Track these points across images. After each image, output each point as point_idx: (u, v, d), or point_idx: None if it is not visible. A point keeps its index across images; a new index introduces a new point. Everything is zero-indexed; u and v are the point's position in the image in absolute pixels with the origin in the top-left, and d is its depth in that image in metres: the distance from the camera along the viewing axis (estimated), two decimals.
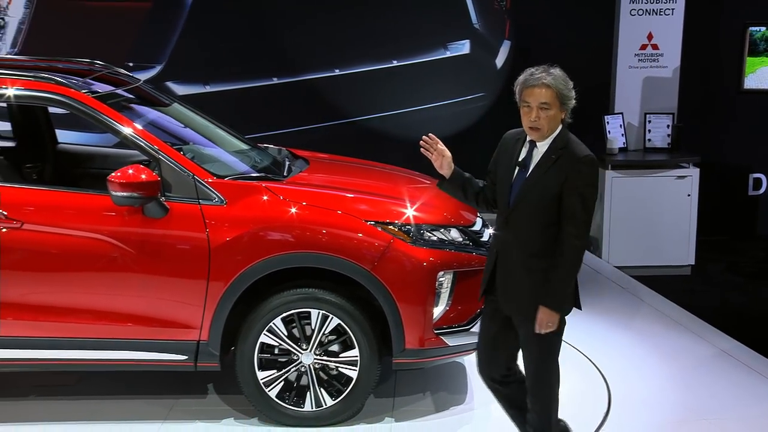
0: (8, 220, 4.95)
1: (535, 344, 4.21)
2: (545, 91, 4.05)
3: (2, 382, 5.71)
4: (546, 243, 4.08)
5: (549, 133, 4.12)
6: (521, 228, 4.12)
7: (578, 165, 4.04)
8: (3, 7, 9.46)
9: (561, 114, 4.13)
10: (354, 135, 9.73)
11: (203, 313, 5.02)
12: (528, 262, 4.11)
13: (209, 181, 5.07)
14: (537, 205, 4.07)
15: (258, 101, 9.66)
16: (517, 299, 4.18)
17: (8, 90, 5.13)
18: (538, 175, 4.09)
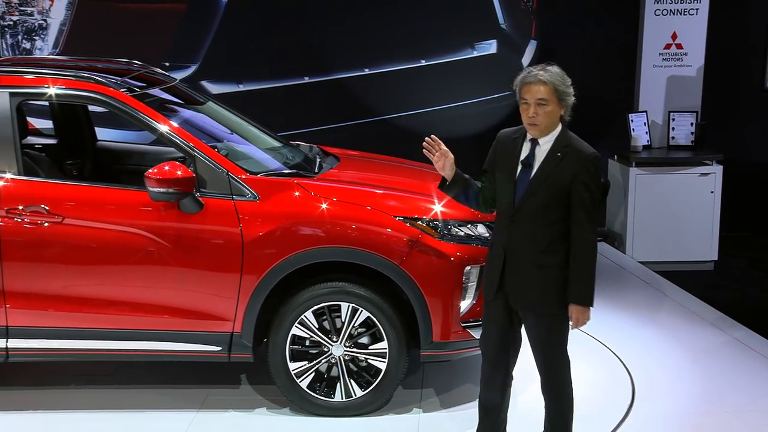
0: (50, 215, 4.99)
1: (546, 340, 4.22)
2: (542, 87, 4.06)
3: (44, 372, 5.76)
4: (554, 239, 4.09)
5: (547, 130, 4.12)
6: (529, 225, 4.11)
7: (587, 162, 4.07)
8: (45, 9, 9.54)
9: (560, 110, 4.13)
10: (383, 133, 9.72)
11: (237, 306, 5.04)
12: (538, 258, 4.11)
13: (243, 177, 5.08)
14: (545, 202, 4.07)
15: (290, 100, 9.67)
16: (528, 296, 4.17)
17: (50, 89, 5.17)
18: (545, 173, 4.09)
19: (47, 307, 5.04)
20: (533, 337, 4.26)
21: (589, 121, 9.99)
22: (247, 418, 5.23)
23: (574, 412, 4.53)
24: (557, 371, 4.30)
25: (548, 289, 4.12)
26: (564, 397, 4.36)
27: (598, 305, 7.19)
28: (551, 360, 4.27)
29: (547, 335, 4.21)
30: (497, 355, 4.36)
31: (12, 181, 5.04)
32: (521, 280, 4.16)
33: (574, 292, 4.09)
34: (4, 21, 9.54)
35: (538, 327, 4.20)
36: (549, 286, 4.12)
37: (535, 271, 4.12)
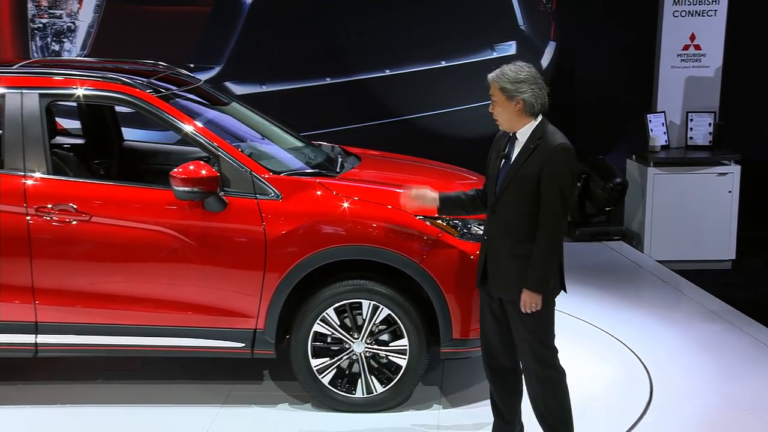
0: (78, 213, 5.02)
1: (525, 327, 4.27)
2: (491, 85, 4.24)
3: (72, 367, 5.79)
4: (530, 229, 4.19)
5: (507, 125, 4.26)
6: (506, 216, 4.24)
7: (553, 153, 4.15)
8: (74, 12, 9.59)
9: (513, 106, 4.20)
10: (404, 133, 9.71)
11: (259, 303, 5.05)
12: (513, 248, 4.22)
13: (266, 176, 5.09)
14: (518, 193, 4.19)
15: (312, 100, 9.68)
16: (506, 284, 4.28)
17: (78, 90, 5.20)
18: (518, 164, 4.21)
19: (75, 304, 5.07)
20: (517, 326, 4.32)
21: (608, 121, 10.02)
22: (269, 413, 5.24)
23: (591, 407, 4.53)
24: (543, 360, 4.31)
25: (523, 278, 4.20)
26: (553, 383, 4.35)
27: (616, 303, 7.23)
28: (534, 348, 4.30)
29: (528, 323, 4.27)
30: (496, 347, 4.46)
31: (41, 180, 5.07)
32: (500, 270, 4.30)
33: (527, 277, 4.18)
34: (34, 24, 9.60)
35: (518, 314, 4.27)
36: (524, 275, 4.19)
37: (511, 261, 4.24)
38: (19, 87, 5.16)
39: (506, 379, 4.53)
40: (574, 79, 10.14)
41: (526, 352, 4.33)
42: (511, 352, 4.46)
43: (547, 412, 4.39)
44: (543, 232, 4.16)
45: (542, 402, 4.38)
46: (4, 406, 5.27)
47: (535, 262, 4.17)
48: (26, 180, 5.06)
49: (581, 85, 10.15)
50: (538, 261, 4.17)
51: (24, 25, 9.62)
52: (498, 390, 4.56)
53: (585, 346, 6.26)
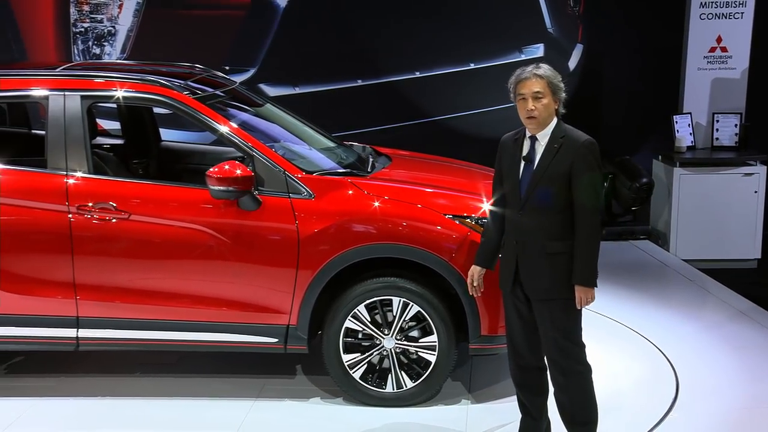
0: (117, 212, 5.06)
1: (554, 325, 4.24)
2: (537, 81, 4.16)
3: (111, 361, 5.84)
4: (562, 226, 4.17)
5: (545, 123, 4.20)
6: (537, 216, 4.19)
7: (582, 149, 4.15)
8: (114, 16, 9.67)
9: (554, 104, 4.20)
10: (433, 133, 9.70)
11: (292, 299, 5.06)
12: (548, 246, 4.18)
13: (299, 176, 5.10)
14: (549, 192, 4.16)
15: (344, 102, 9.70)
16: (541, 283, 4.22)
17: (118, 92, 5.24)
18: (545, 164, 4.18)
19: (114, 299, 5.11)
20: (544, 323, 4.27)
21: (635, 122, 9.95)
22: (302, 406, 5.25)
23: (618, 403, 4.50)
24: (571, 356, 4.29)
25: (560, 275, 4.19)
26: (579, 379, 4.31)
27: (643, 301, 7.17)
28: (564, 345, 4.26)
29: (559, 319, 4.24)
30: (523, 346, 4.41)
31: (82, 179, 5.12)
32: (534, 269, 4.23)
33: (577, 274, 4.16)
34: (76, 28, 9.69)
35: (551, 312, 4.24)
36: (560, 272, 4.18)
37: (546, 259, 4.19)
38: (61, 89, 5.21)
39: (533, 379, 4.50)
40: (601, 81, 10.08)
41: (553, 348, 4.29)
42: (537, 352, 4.42)
43: (573, 408, 4.35)
44: (585, 226, 4.14)
45: (568, 398, 4.34)
46: (48, 398, 5.32)
47: (582, 256, 4.15)
48: (68, 179, 5.11)
49: (608, 86, 10.09)
50: (586, 255, 4.15)
51: (66, 30, 9.72)
52: (524, 389, 4.53)
53: (612, 343, 6.23)
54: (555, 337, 4.26)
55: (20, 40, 9.85)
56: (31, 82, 5.30)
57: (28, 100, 5.51)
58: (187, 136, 8.50)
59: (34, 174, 5.16)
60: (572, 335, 4.28)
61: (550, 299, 4.22)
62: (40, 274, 5.11)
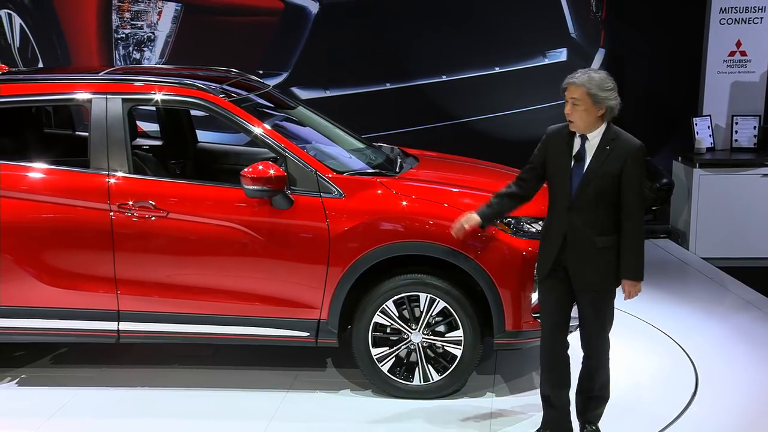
0: (156, 210, 5.09)
1: (598, 315, 4.34)
2: (574, 88, 4.20)
3: (150, 353, 5.87)
4: (609, 222, 4.23)
5: (585, 127, 4.23)
6: (587, 212, 4.24)
7: (635, 152, 4.21)
8: (153, 22, 9.73)
9: (596, 111, 4.21)
10: (459, 135, 9.67)
11: (323, 295, 5.06)
12: (597, 241, 4.23)
13: (330, 176, 5.10)
14: (600, 191, 4.20)
15: (373, 104, 9.69)
16: (591, 275, 4.28)
17: (157, 95, 5.26)
18: (597, 164, 4.22)
19: (153, 294, 5.13)
20: (588, 313, 4.35)
21: (655, 124, 9.87)
22: (332, 398, 5.26)
23: (638, 397, 4.48)
24: (603, 340, 4.41)
25: (607, 268, 4.26)
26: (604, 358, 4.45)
27: (663, 298, 7.11)
28: (600, 331, 4.38)
29: (601, 310, 4.34)
30: (559, 337, 4.46)
31: (123, 179, 5.15)
32: (582, 262, 4.27)
33: (626, 268, 4.25)
34: (118, 34, 9.76)
35: (595, 303, 4.32)
36: (607, 265, 4.26)
37: (594, 253, 4.25)
38: (104, 93, 5.24)
39: (562, 370, 4.50)
40: (623, 84, 9.96)
41: (591, 331, 4.38)
42: (567, 343, 4.49)
43: (597, 389, 4.48)
44: (633, 223, 4.22)
45: (597, 380, 4.46)
46: (90, 387, 5.36)
47: (631, 252, 4.23)
48: (110, 179, 5.14)
49: (629, 90, 9.98)
50: (634, 251, 4.23)
51: (108, 36, 9.79)
52: (551, 381, 4.51)
53: (633, 338, 6.18)
54: (595, 322, 4.35)
55: (65, 46, 9.94)
56: (75, 85, 5.34)
57: (72, 103, 5.56)
58: (223, 137, 8.53)
59: (77, 174, 5.20)
60: (609, 324, 4.41)
61: (598, 291, 4.30)
62: (83, 269, 5.14)
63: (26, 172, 5.22)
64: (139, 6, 9.71)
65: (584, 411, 4.55)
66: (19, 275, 5.13)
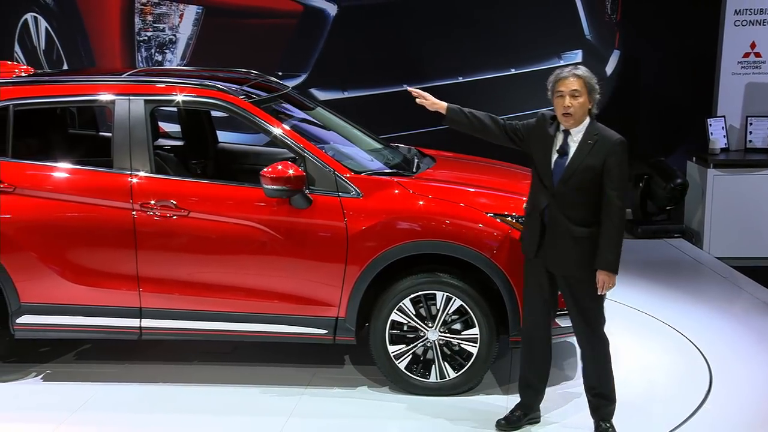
0: (177, 209, 5.10)
1: (578, 300, 4.43)
2: (576, 80, 4.32)
3: (171, 349, 5.89)
4: (588, 213, 4.32)
5: (579, 120, 4.34)
6: (567, 203, 4.34)
7: (615, 147, 4.29)
8: (175, 25, 9.76)
9: (589, 103, 4.34)
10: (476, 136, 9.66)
11: (341, 293, 5.06)
12: (575, 230, 4.34)
13: (348, 176, 5.10)
14: (581, 184, 4.30)
15: (390, 105, 9.68)
16: (566, 262, 4.40)
17: (178, 96, 5.28)
18: (579, 158, 4.31)
19: (175, 292, 5.15)
20: (570, 301, 4.46)
21: (670, 125, 9.81)
22: (350, 394, 5.25)
23: (653, 395, 4.50)
24: (595, 330, 4.48)
25: (582, 257, 4.35)
26: (600, 348, 4.52)
27: (677, 297, 7.07)
28: (588, 319, 4.46)
29: (583, 299, 4.43)
30: (538, 316, 4.58)
31: (145, 178, 5.16)
32: (559, 251, 4.40)
33: (602, 260, 4.32)
34: (140, 37, 9.81)
35: (574, 292, 4.44)
36: (583, 255, 4.34)
37: (571, 242, 4.35)
38: (126, 94, 5.26)
39: (542, 350, 4.66)
40: (638, 85, 9.96)
41: (579, 322, 4.48)
42: (548, 325, 4.64)
43: (598, 382, 4.53)
44: (613, 217, 4.28)
45: (594, 372, 4.53)
46: (113, 383, 5.39)
47: (609, 245, 4.29)
48: (132, 178, 5.15)
49: (644, 91, 9.96)
50: (612, 244, 4.29)
51: (131, 38, 9.84)
52: (530, 360, 4.69)
53: (647, 337, 6.15)
54: (580, 311, 4.45)
55: (89, 48, 10.00)
56: (99, 87, 5.37)
57: (95, 104, 5.59)
58: (243, 138, 8.55)
59: (100, 173, 5.22)
60: (596, 309, 4.48)
61: (573, 277, 4.41)
62: (106, 267, 5.16)
63: (51, 171, 5.25)
64: (161, 9, 9.75)
65: (594, 408, 4.61)
66: (45, 273, 5.16)
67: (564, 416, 4.86)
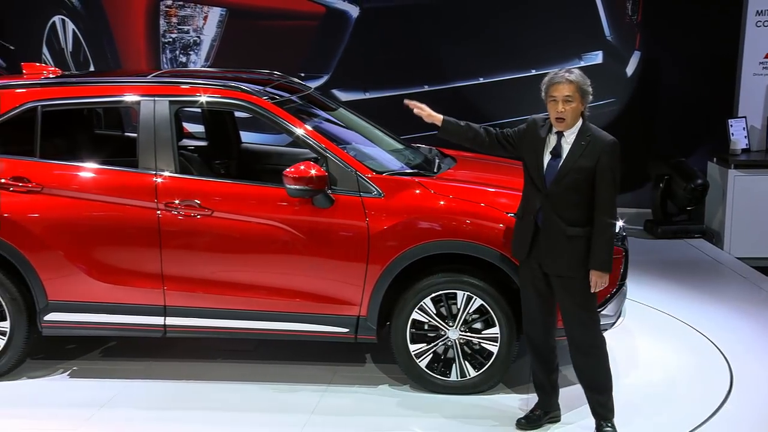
0: (201, 208, 5.12)
1: (573, 300, 4.42)
2: (568, 85, 4.30)
3: (195, 347, 5.91)
4: (581, 213, 4.33)
5: (572, 124, 4.34)
6: (561, 203, 4.35)
7: (608, 148, 4.30)
8: (199, 27, 9.81)
9: (581, 107, 4.34)
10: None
11: (363, 292, 5.06)
12: (568, 230, 4.34)
13: (369, 176, 5.09)
14: (574, 185, 4.31)
15: None
16: (559, 262, 4.39)
17: (202, 97, 5.29)
18: (572, 160, 4.32)
19: (198, 290, 5.16)
20: (564, 301, 4.45)
21: (690, 126, 9.74)
22: (371, 392, 5.25)
23: (673, 395, 4.45)
24: (589, 330, 4.47)
25: (575, 257, 4.35)
26: (597, 350, 4.50)
27: (698, 297, 7.02)
28: (582, 319, 4.44)
29: (577, 297, 4.41)
30: (538, 324, 4.57)
31: (169, 178, 5.18)
32: (552, 248, 4.39)
33: (594, 259, 4.32)
34: (165, 39, 9.86)
35: (568, 291, 4.42)
36: (577, 253, 4.34)
37: (566, 241, 4.35)
38: (151, 95, 5.28)
39: (547, 353, 4.64)
40: (658, 86, 9.89)
41: (572, 323, 4.47)
42: (551, 328, 4.61)
43: (590, 377, 4.52)
44: (605, 217, 4.30)
45: (587, 368, 4.52)
46: (138, 380, 5.41)
47: (601, 245, 4.31)
48: (157, 178, 5.18)
49: (665, 92, 9.89)
50: (604, 244, 4.31)
51: (156, 40, 9.89)
52: (537, 362, 4.69)
53: (667, 337, 6.11)
54: (574, 311, 4.45)
55: (115, 50, 10.07)
56: (124, 88, 5.39)
57: (121, 105, 5.61)
58: (266, 138, 8.57)
59: (126, 173, 5.24)
60: (589, 309, 4.46)
61: (568, 277, 4.39)
62: (131, 266, 5.18)
63: (78, 171, 5.28)
64: (185, 11, 9.80)
65: (592, 406, 4.61)
66: (71, 271, 5.19)
67: (581, 416, 4.82)
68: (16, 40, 10.32)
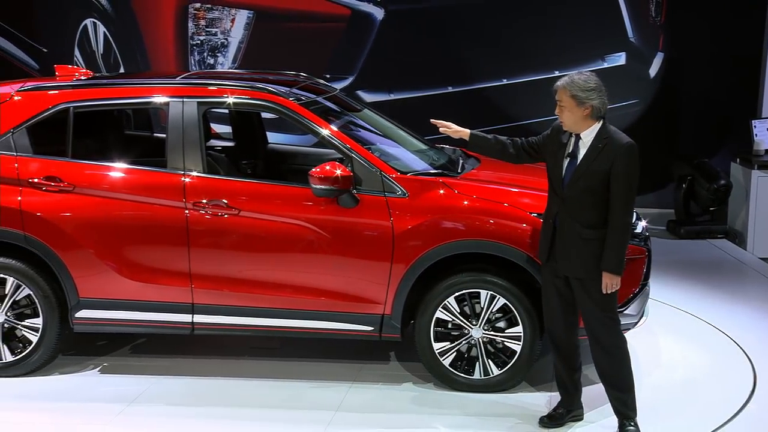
0: (228, 208, 5.13)
1: (593, 301, 4.38)
2: (559, 91, 4.35)
3: (223, 344, 5.93)
4: (597, 216, 4.31)
5: (572, 126, 4.35)
6: (576, 206, 4.34)
7: (624, 151, 4.26)
8: (227, 29, 9.85)
9: (581, 111, 4.29)
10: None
11: (387, 291, 5.05)
12: (583, 232, 4.33)
13: (394, 176, 5.08)
14: (589, 187, 4.29)
15: (435, 107, 9.66)
16: (576, 264, 4.37)
17: (230, 98, 5.31)
18: (588, 162, 4.31)
19: (225, 288, 5.18)
20: (584, 302, 4.43)
21: (713, 126, 9.65)
22: (395, 390, 5.24)
23: (696, 394, 4.40)
24: (609, 330, 4.43)
25: (590, 259, 4.33)
26: (618, 350, 4.46)
27: (721, 297, 6.95)
28: (602, 319, 4.41)
29: (593, 298, 4.38)
30: (559, 324, 4.56)
31: (197, 178, 5.20)
32: (569, 251, 4.39)
33: (606, 261, 4.30)
34: (193, 41, 9.91)
35: (586, 292, 4.39)
36: (591, 256, 4.32)
37: (581, 243, 4.34)
38: (180, 96, 5.30)
39: (569, 352, 4.63)
40: (681, 87, 9.81)
41: (593, 322, 4.44)
42: (573, 328, 4.58)
43: (613, 377, 4.50)
44: (619, 220, 4.27)
45: (609, 368, 4.49)
46: (166, 376, 5.43)
47: (613, 247, 4.28)
48: (185, 178, 5.20)
49: (688, 93, 9.81)
50: (616, 246, 4.28)
51: (185, 42, 9.95)
52: (559, 361, 4.67)
53: (690, 337, 6.05)
54: (594, 311, 4.41)
55: (144, 52, 10.13)
56: (154, 90, 5.42)
57: (150, 106, 5.64)
58: (292, 138, 8.59)
59: (155, 173, 5.27)
60: (609, 310, 4.42)
61: (584, 278, 4.37)
62: (160, 264, 5.21)
63: (108, 171, 5.31)
64: (213, 14, 9.84)
65: (614, 405, 4.57)
66: (102, 269, 5.22)
67: (604, 415, 4.78)
68: (48, 43, 10.42)
